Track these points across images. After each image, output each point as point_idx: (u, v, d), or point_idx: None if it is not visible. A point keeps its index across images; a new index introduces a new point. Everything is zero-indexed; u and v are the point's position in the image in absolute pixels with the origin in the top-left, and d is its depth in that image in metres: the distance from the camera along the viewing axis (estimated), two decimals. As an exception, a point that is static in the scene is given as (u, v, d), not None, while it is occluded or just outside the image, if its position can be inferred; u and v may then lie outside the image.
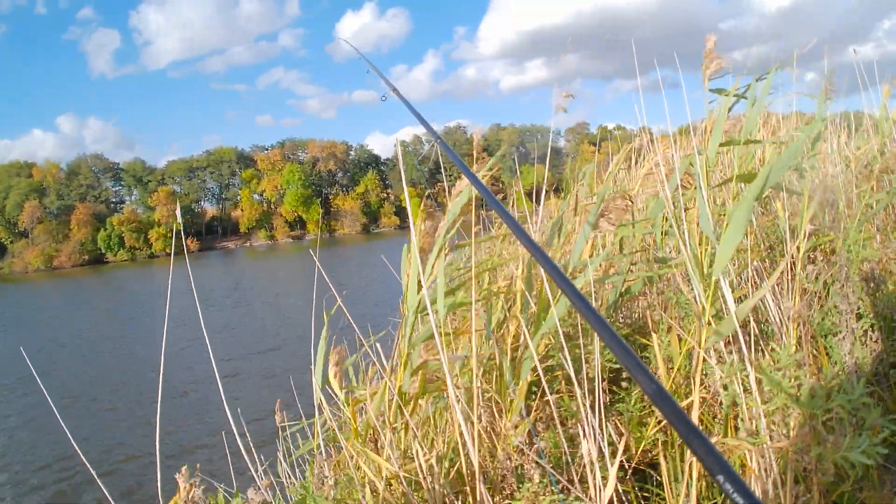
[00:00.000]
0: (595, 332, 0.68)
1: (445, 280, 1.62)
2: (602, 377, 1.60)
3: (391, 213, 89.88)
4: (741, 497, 0.49)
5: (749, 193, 1.41)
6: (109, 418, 10.90)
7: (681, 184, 1.95)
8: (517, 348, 1.86)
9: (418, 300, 1.59)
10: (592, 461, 1.46)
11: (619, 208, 1.76)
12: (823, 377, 1.48)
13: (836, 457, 1.07)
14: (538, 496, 1.53)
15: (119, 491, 7.49)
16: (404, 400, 1.63)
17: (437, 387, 1.68)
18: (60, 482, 8.17)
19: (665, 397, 0.58)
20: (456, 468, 1.58)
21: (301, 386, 2.62)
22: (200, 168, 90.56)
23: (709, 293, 1.45)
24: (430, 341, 1.62)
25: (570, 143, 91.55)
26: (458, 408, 1.41)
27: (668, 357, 1.90)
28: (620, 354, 0.64)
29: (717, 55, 1.60)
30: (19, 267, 76.07)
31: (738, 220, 1.38)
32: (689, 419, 0.55)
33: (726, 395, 1.45)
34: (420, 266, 1.60)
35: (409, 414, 1.57)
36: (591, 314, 0.70)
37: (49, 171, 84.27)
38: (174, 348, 14.91)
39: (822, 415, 1.12)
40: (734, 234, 1.39)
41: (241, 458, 1.71)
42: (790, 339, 1.78)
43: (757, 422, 1.40)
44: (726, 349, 1.69)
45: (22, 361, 14.99)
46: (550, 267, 0.77)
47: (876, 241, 2.85)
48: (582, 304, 0.71)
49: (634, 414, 2.01)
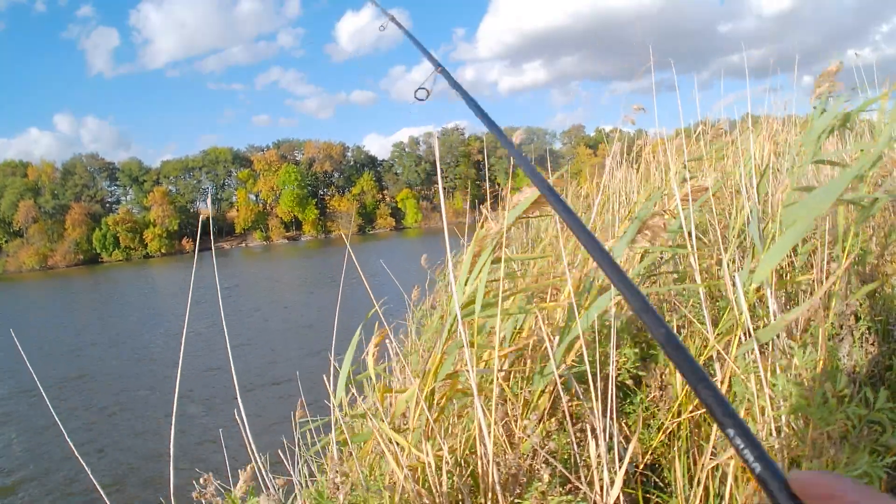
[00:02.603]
0: (609, 276, 0.65)
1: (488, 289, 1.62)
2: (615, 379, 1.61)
3: (387, 214, 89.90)
4: (751, 452, 0.48)
5: (825, 195, 1.38)
6: (118, 423, 10.81)
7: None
8: (539, 350, 1.87)
9: (457, 307, 1.59)
10: (602, 462, 1.47)
11: (658, 226, 1.76)
12: (845, 378, 1.48)
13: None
14: (546, 496, 1.53)
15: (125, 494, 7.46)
16: (432, 402, 1.63)
17: (462, 392, 1.69)
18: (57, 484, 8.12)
19: (675, 343, 0.56)
20: (471, 469, 1.59)
21: (313, 387, 2.61)
22: (196, 168, 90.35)
23: (751, 301, 1.44)
24: (462, 350, 1.63)
25: (566, 145, 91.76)
26: (482, 415, 1.42)
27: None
28: (631, 297, 0.62)
29: (832, 79, 1.59)
30: (13, 267, 75.67)
31: (798, 228, 1.37)
32: (699, 366, 0.53)
33: (739, 393, 1.45)
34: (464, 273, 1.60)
35: (434, 418, 1.58)
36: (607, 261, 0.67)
37: (44, 170, 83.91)
38: (183, 346, 14.83)
39: (839, 419, 1.11)
40: (788, 241, 1.38)
41: (250, 456, 1.71)
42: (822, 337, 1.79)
43: (767, 424, 1.40)
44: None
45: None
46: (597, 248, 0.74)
47: (874, 244, 2.86)
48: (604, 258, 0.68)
49: (640, 414, 2.03)
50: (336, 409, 1.74)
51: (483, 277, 1.61)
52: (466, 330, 1.56)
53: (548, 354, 1.70)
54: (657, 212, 1.84)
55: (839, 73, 1.72)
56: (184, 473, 1.67)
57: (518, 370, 1.95)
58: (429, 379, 1.61)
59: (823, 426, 1.06)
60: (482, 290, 1.60)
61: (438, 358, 1.60)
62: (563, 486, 1.62)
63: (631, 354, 2.09)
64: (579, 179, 6.79)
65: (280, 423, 2.10)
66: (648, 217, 1.77)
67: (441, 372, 1.62)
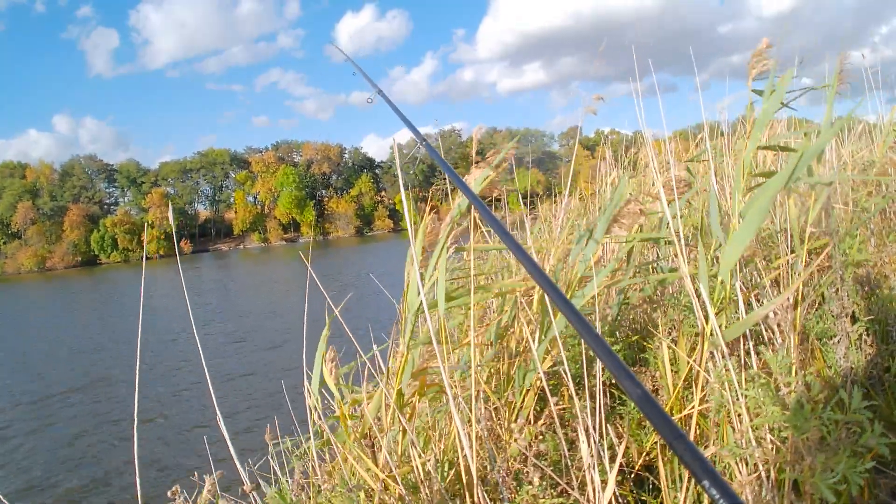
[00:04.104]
0: (581, 336, 0.67)
1: (448, 283, 1.61)
2: (604, 381, 1.60)
3: (385, 215, 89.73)
4: (726, 502, 0.49)
5: (774, 182, 1.38)
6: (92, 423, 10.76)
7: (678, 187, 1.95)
8: (522, 352, 1.85)
9: (419, 301, 1.58)
10: (593, 464, 1.46)
11: (633, 212, 1.71)
12: (818, 383, 1.47)
13: (811, 481, 1.04)
14: (537, 499, 1.52)
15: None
16: (401, 403, 1.62)
17: (436, 388, 1.67)
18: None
19: (650, 402, 0.58)
20: (454, 471, 1.57)
21: (295, 391, 2.59)
22: (194, 170, 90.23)
23: (715, 296, 1.44)
24: (430, 346, 1.61)
25: (564, 147, 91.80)
26: (455, 410, 1.40)
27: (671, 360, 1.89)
28: (606, 359, 0.64)
29: (766, 56, 1.58)
30: (11, 268, 75.51)
31: (754, 214, 1.35)
32: (674, 424, 0.55)
33: (715, 400, 1.44)
34: (421, 266, 1.59)
35: (407, 418, 1.56)
36: (577, 319, 0.69)
37: (42, 171, 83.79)
38: (167, 352, 14.82)
39: (814, 427, 1.10)
40: (748, 230, 1.36)
41: (230, 465, 1.69)
42: (794, 342, 1.77)
43: (745, 434, 1.38)
44: (729, 352, 1.69)
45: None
46: (537, 273, 0.76)
47: (871, 245, 2.86)
48: (567, 308, 0.70)
49: (634, 417, 2.01)
50: (314, 414, 1.73)
51: (442, 266, 1.59)
52: (432, 321, 1.54)
53: (530, 356, 1.69)
54: (631, 198, 1.80)
55: (770, 51, 1.68)
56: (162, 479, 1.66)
57: (498, 367, 1.93)
58: (396, 379, 1.59)
59: (798, 434, 1.05)
60: (443, 277, 1.58)
61: (404, 356, 1.59)
62: (555, 489, 1.61)
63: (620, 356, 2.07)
64: (578, 181, 6.80)
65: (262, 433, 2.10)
66: (623, 204, 1.74)
67: (407, 370, 1.60)
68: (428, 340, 1.59)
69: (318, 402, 1.72)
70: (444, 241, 1.64)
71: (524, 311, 1.90)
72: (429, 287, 1.63)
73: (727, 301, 1.52)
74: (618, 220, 1.73)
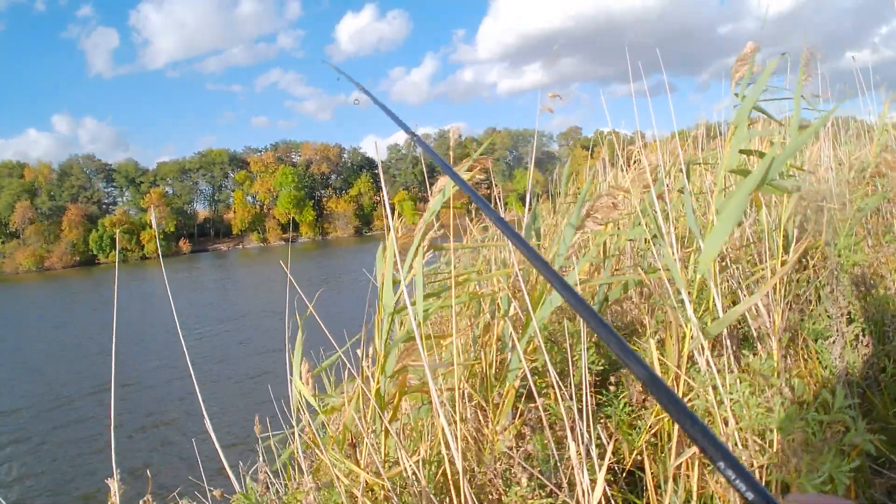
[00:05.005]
0: (585, 321, 0.66)
1: (427, 282, 1.59)
2: (589, 380, 1.58)
3: (384, 215, 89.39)
4: (743, 483, 0.47)
5: (747, 183, 1.38)
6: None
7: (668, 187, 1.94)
8: (504, 350, 1.84)
9: (395, 300, 1.57)
10: (581, 464, 1.45)
11: (607, 206, 1.70)
12: (809, 383, 1.46)
13: (798, 482, 1.04)
14: (526, 500, 1.51)
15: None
16: (382, 404, 1.60)
17: (417, 388, 1.66)
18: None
19: (658, 384, 0.56)
20: (441, 471, 1.56)
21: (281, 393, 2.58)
22: (193, 170, 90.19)
23: (693, 294, 1.43)
24: (410, 344, 1.59)
25: (563, 147, 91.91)
26: (440, 409, 1.38)
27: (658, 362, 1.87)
28: (612, 343, 0.62)
29: (749, 61, 1.57)
30: (10, 268, 75.42)
31: (729, 213, 1.35)
32: (683, 404, 0.53)
33: (700, 404, 1.43)
34: (399, 265, 1.57)
35: (389, 420, 1.55)
36: (581, 304, 0.68)
37: (41, 171, 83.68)
38: (158, 355, 14.81)
39: (798, 428, 1.09)
40: (724, 228, 1.36)
41: (215, 470, 1.68)
42: (776, 345, 1.77)
43: (731, 436, 1.37)
44: (713, 354, 1.68)
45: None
46: (538, 259, 0.75)
47: (867, 245, 2.85)
48: (570, 294, 0.69)
49: (623, 419, 1.99)
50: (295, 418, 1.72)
51: (419, 261, 1.58)
52: (414, 319, 1.52)
53: (510, 354, 1.67)
54: (605, 193, 1.80)
55: (755, 55, 1.69)
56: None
57: (481, 366, 1.91)
58: (376, 377, 1.58)
59: (784, 435, 1.04)
60: (420, 271, 1.57)
61: (382, 354, 1.57)
62: (543, 489, 1.59)
63: (596, 358, 2.05)
64: (577, 181, 6.81)
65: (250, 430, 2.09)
66: (595, 199, 1.73)
67: (387, 368, 1.59)
68: (407, 338, 1.57)
69: (303, 404, 1.70)
70: (420, 236, 1.62)
71: (500, 310, 1.89)
72: (406, 283, 1.62)
73: (709, 300, 1.51)
74: (591, 215, 1.72)
